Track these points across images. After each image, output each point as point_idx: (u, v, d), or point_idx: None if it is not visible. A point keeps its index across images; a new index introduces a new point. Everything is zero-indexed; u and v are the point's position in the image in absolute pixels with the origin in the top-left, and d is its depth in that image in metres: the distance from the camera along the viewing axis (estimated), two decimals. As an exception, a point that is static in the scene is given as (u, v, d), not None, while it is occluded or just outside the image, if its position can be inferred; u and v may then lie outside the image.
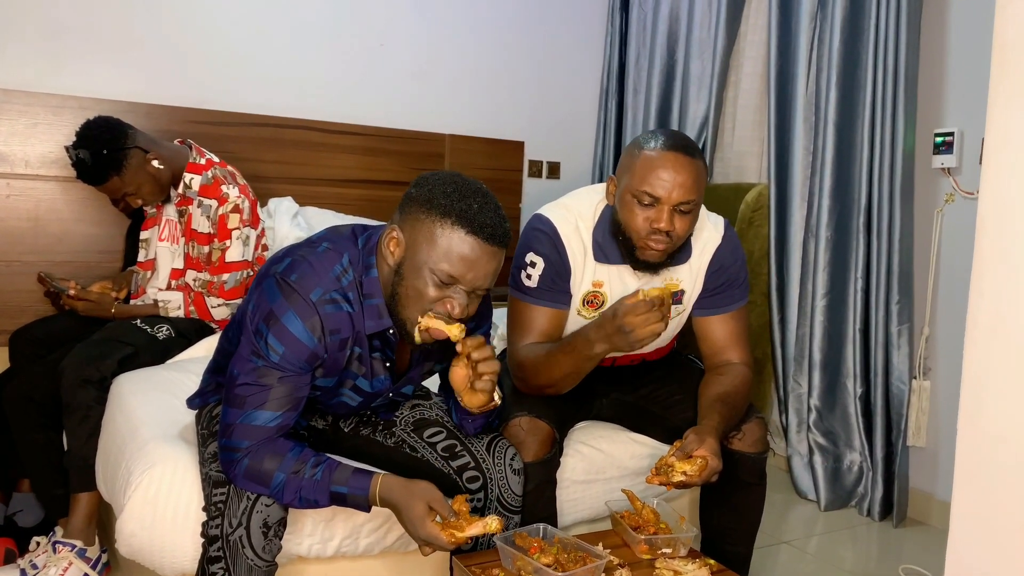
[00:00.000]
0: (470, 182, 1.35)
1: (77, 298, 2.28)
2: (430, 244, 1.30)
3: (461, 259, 1.29)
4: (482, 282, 1.32)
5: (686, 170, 1.57)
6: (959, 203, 2.56)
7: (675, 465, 1.48)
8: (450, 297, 1.32)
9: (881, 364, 2.66)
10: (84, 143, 2.17)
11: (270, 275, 1.37)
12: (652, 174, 1.57)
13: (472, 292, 1.33)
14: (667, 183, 1.56)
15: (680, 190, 1.56)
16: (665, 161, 1.57)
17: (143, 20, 2.89)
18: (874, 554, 2.48)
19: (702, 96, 3.35)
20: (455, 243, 1.29)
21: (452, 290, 1.32)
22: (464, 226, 1.29)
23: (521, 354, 1.70)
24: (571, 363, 1.63)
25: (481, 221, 1.30)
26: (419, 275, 1.31)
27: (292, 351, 1.33)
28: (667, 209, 1.57)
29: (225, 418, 1.36)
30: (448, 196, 1.31)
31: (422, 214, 1.31)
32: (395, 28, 3.37)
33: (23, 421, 2.04)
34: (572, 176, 3.85)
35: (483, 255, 1.30)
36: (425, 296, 1.32)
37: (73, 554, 1.86)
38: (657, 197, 1.57)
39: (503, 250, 1.34)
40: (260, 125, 3.07)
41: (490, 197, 1.35)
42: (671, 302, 1.54)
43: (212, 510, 1.36)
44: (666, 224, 1.57)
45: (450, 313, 1.33)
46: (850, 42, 2.72)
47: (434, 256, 1.30)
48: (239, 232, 2.29)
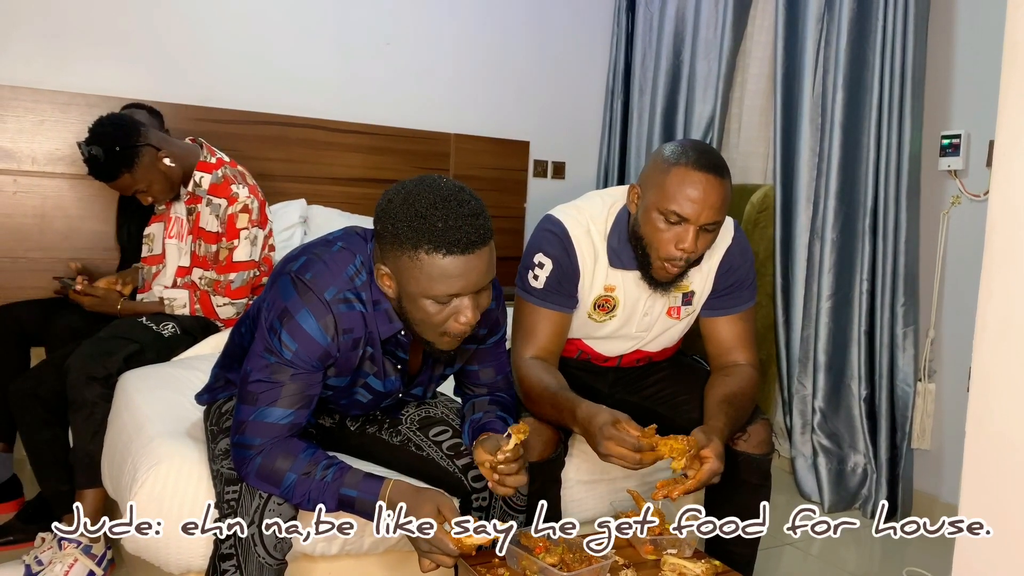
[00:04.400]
0: (428, 192, 1.26)
1: (83, 293, 2.29)
2: (415, 276, 1.27)
3: (450, 278, 1.26)
4: (480, 282, 1.30)
5: (716, 191, 1.55)
6: (965, 205, 2.56)
7: (659, 443, 1.43)
8: (458, 311, 1.31)
9: (886, 366, 2.66)
10: (97, 140, 2.17)
11: (285, 273, 1.37)
12: (681, 193, 1.54)
13: (477, 293, 1.33)
14: (697, 205, 1.53)
15: (709, 211, 1.54)
16: (696, 181, 1.54)
17: (151, 18, 2.90)
18: (878, 556, 2.48)
19: (708, 97, 3.34)
20: (438, 267, 1.25)
21: (456, 301, 1.31)
22: (439, 249, 1.24)
23: (521, 369, 1.68)
24: (553, 415, 1.61)
25: (452, 237, 1.24)
26: (419, 303, 1.30)
27: (305, 349, 1.34)
28: (694, 229, 1.55)
29: (238, 415, 1.36)
30: (410, 224, 1.25)
31: (396, 250, 1.27)
32: (401, 28, 3.38)
33: (29, 418, 2.05)
34: (577, 176, 3.85)
35: (469, 263, 1.27)
36: (433, 319, 1.31)
37: (78, 550, 1.86)
38: (685, 217, 1.54)
39: (488, 245, 1.29)
40: (266, 124, 3.08)
41: (453, 199, 1.26)
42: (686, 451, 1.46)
43: (224, 507, 1.36)
44: (691, 245, 1.56)
45: (465, 325, 1.32)
46: (857, 43, 2.71)
47: (424, 285, 1.27)
48: (247, 232, 2.30)
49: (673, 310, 1.79)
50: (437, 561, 1.30)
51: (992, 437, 0.86)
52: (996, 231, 0.84)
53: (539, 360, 1.69)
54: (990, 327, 0.85)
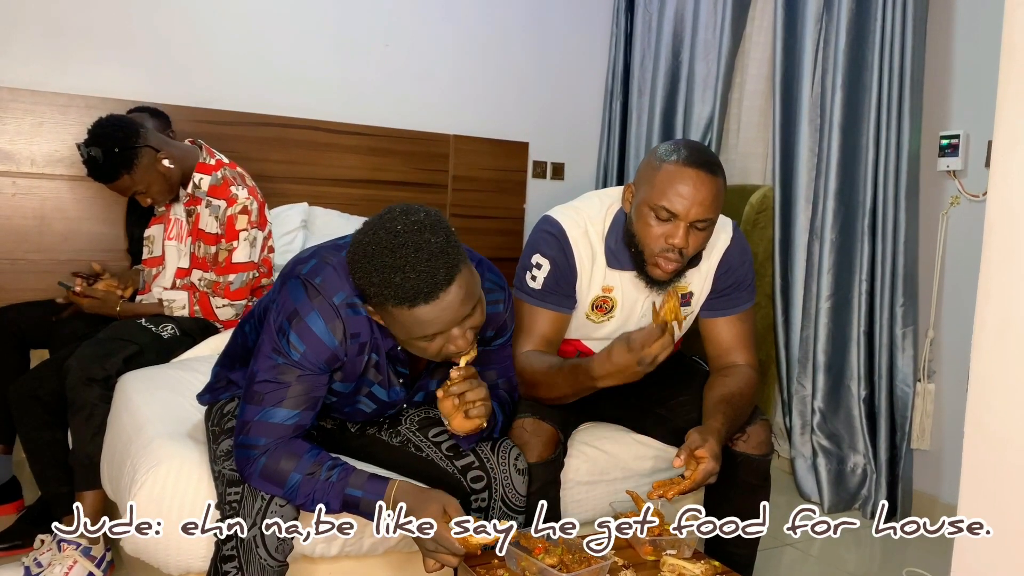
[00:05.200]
0: (382, 242, 1.22)
1: (83, 295, 2.29)
2: (394, 325, 1.30)
3: (423, 323, 1.26)
4: (458, 316, 1.28)
5: (706, 187, 1.55)
6: (964, 206, 2.56)
7: (656, 311, 1.48)
8: (449, 340, 1.30)
9: (885, 367, 2.66)
10: (96, 141, 2.18)
11: (295, 275, 1.38)
12: (671, 189, 1.55)
13: (464, 320, 1.31)
14: (686, 200, 1.54)
15: (699, 208, 1.55)
16: (686, 177, 1.54)
17: (151, 20, 2.90)
18: (877, 557, 2.48)
19: (707, 98, 3.35)
20: (409, 318, 1.25)
21: (445, 334, 1.30)
22: (402, 304, 1.23)
23: (521, 362, 1.69)
24: (570, 388, 1.62)
25: (413, 290, 1.21)
26: (410, 343, 1.33)
27: (313, 350, 1.34)
28: (683, 226, 1.56)
29: (243, 415, 1.37)
30: (371, 282, 1.23)
31: (376, 304, 1.28)
32: (401, 29, 3.38)
33: (28, 419, 2.05)
34: (576, 177, 3.85)
35: (438, 307, 1.24)
36: (427, 352, 1.33)
37: (78, 552, 1.86)
38: (675, 213, 1.55)
39: (455, 280, 1.24)
40: (265, 125, 3.08)
41: (409, 246, 1.21)
42: (679, 304, 1.52)
43: (226, 509, 1.36)
44: (681, 241, 1.56)
45: (460, 349, 1.32)
46: (856, 44, 2.71)
47: (406, 332, 1.28)
48: (247, 234, 2.30)
49: (672, 311, 1.79)
50: (442, 561, 1.30)
51: (991, 437, 0.86)
52: (994, 231, 0.84)
53: (535, 351, 1.69)
54: (989, 327, 0.85)
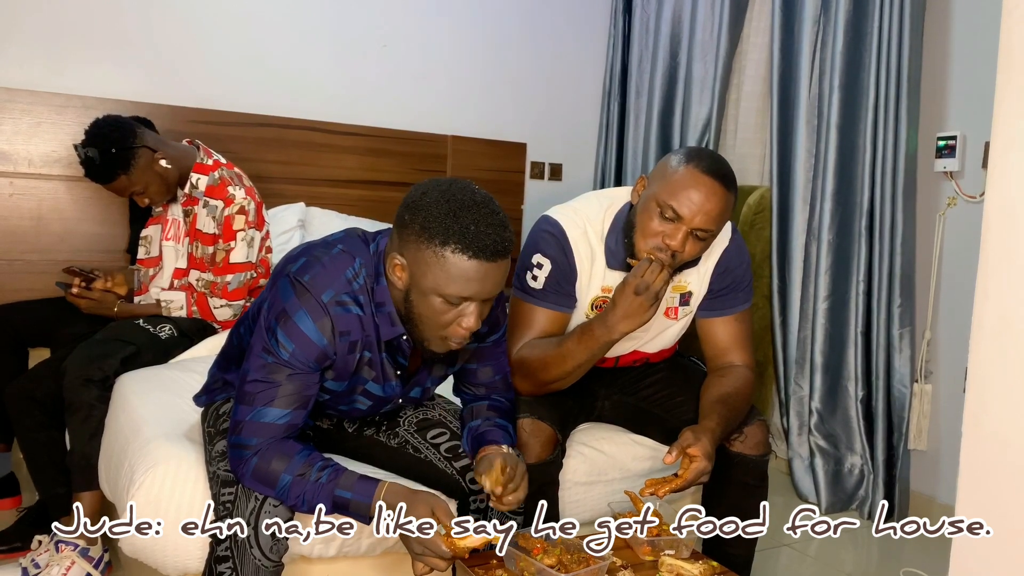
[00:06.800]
0: (464, 193, 1.29)
1: (80, 296, 2.28)
2: (435, 270, 1.28)
3: (468, 281, 1.28)
4: (492, 292, 1.32)
5: (717, 199, 1.56)
6: (961, 207, 2.57)
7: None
8: (463, 315, 1.32)
9: (882, 367, 2.66)
10: (93, 141, 2.17)
11: (285, 274, 1.38)
12: (684, 192, 1.56)
13: (484, 301, 1.34)
14: (694, 205, 1.55)
15: (704, 217, 1.56)
16: (700, 184, 1.56)
17: (148, 20, 2.90)
18: (875, 557, 2.48)
19: (704, 98, 3.35)
20: (459, 267, 1.27)
21: (464, 305, 1.32)
22: (466, 250, 1.26)
23: (522, 353, 1.69)
24: (585, 352, 1.62)
25: (481, 242, 1.26)
26: (429, 299, 1.31)
27: (302, 349, 1.34)
28: (684, 230, 1.57)
29: (235, 415, 1.37)
30: (443, 220, 1.26)
31: (421, 242, 1.28)
32: (398, 30, 3.37)
33: (26, 420, 2.05)
34: (574, 178, 3.85)
35: (489, 271, 1.29)
36: (439, 317, 1.32)
37: (76, 553, 1.86)
38: (680, 215, 1.56)
39: (507, 258, 1.32)
40: (263, 125, 3.07)
41: (485, 207, 1.29)
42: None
43: (220, 509, 1.36)
44: (678, 244, 1.57)
45: (467, 330, 1.33)
46: (853, 45, 2.72)
47: (441, 281, 1.28)
48: (244, 234, 2.30)
49: (670, 311, 1.79)
50: (430, 564, 1.30)
51: (988, 437, 0.86)
52: (992, 232, 0.85)
53: (532, 340, 1.70)
54: (986, 328, 0.85)
